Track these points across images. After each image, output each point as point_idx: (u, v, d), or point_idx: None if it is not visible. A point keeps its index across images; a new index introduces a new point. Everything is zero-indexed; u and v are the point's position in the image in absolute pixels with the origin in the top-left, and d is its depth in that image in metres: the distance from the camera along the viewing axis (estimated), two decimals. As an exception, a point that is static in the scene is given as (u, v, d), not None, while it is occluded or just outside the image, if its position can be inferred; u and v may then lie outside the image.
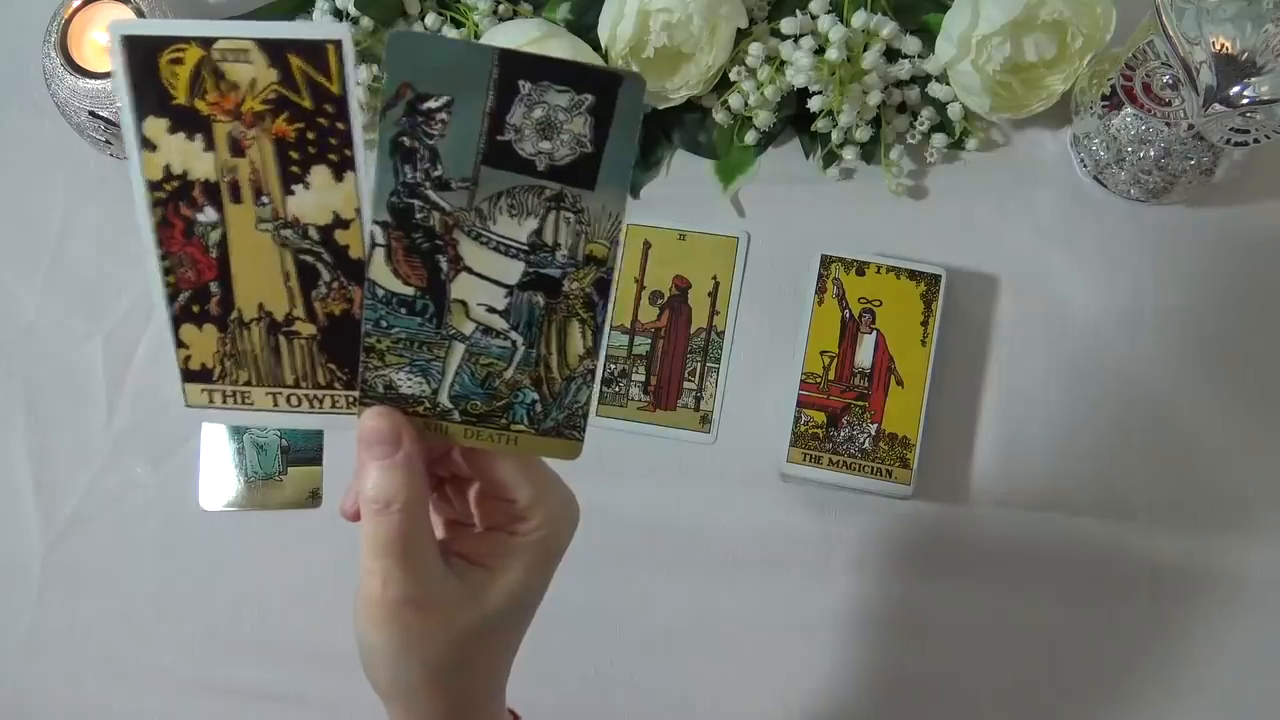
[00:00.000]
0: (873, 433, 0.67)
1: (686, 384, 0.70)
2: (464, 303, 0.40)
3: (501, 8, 0.72)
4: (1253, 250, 0.70)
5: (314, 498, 0.47)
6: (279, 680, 0.69)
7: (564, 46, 0.67)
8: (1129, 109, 0.66)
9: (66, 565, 0.72)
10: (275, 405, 0.42)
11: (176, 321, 0.41)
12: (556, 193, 0.39)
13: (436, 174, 0.38)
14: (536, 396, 0.41)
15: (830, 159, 0.72)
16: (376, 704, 0.44)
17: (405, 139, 0.37)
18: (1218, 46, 0.58)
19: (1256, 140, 0.61)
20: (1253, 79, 0.58)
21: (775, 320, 0.70)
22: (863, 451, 0.66)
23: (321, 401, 0.42)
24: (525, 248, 0.39)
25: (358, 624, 0.41)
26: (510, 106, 0.37)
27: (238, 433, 0.48)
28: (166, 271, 0.40)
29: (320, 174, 0.39)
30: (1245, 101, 0.58)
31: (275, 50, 0.38)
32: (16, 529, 0.72)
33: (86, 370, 0.74)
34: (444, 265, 0.39)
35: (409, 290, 0.39)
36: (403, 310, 0.40)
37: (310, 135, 0.39)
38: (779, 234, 0.72)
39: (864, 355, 0.68)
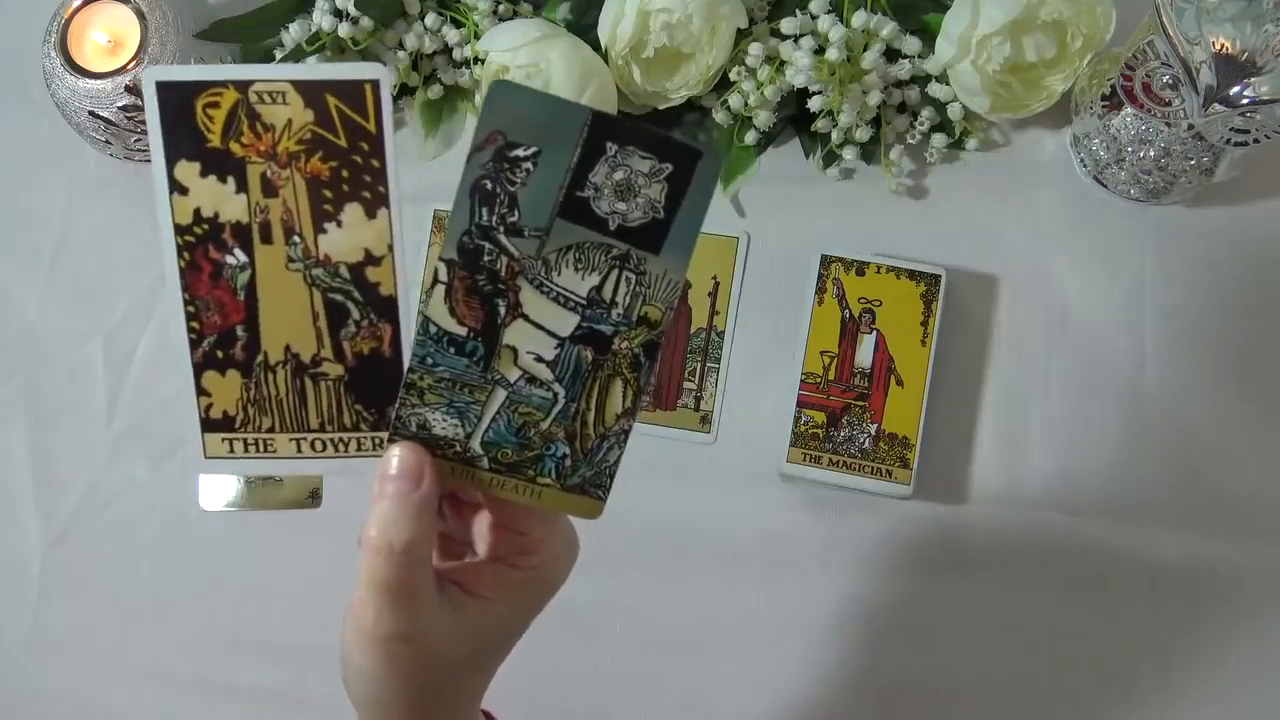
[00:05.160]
0: (873, 433, 0.67)
1: (686, 384, 0.70)
2: (514, 349, 0.40)
3: (501, 8, 0.72)
4: (1253, 250, 0.70)
5: (314, 498, 0.47)
6: (279, 680, 0.69)
7: (564, 47, 0.67)
8: (1129, 109, 0.66)
9: (66, 565, 0.72)
10: (299, 451, 0.42)
11: (199, 369, 0.41)
12: (623, 253, 0.39)
13: (512, 220, 0.39)
14: (568, 451, 0.42)
15: (830, 159, 0.72)
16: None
17: (487, 182, 0.38)
18: (1218, 46, 0.58)
19: (1256, 140, 0.61)
20: (1253, 79, 0.58)
21: (775, 320, 0.70)
22: (863, 451, 0.66)
23: (347, 445, 0.42)
24: (584, 301, 0.40)
25: (345, 641, 0.41)
26: (594, 165, 0.38)
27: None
28: (191, 316, 0.40)
29: (353, 211, 0.39)
30: (1245, 101, 0.58)
31: (312, 91, 0.38)
32: (16, 529, 0.72)
33: (86, 370, 0.74)
34: (502, 310, 0.40)
35: (462, 330, 0.40)
36: (451, 350, 0.40)
37: (345, 173, 0.39)
38: (779, 234, 0.72)
39: (864, 355, 0.68)
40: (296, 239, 0.40)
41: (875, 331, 0.68)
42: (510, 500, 0.42)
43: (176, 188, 0.39)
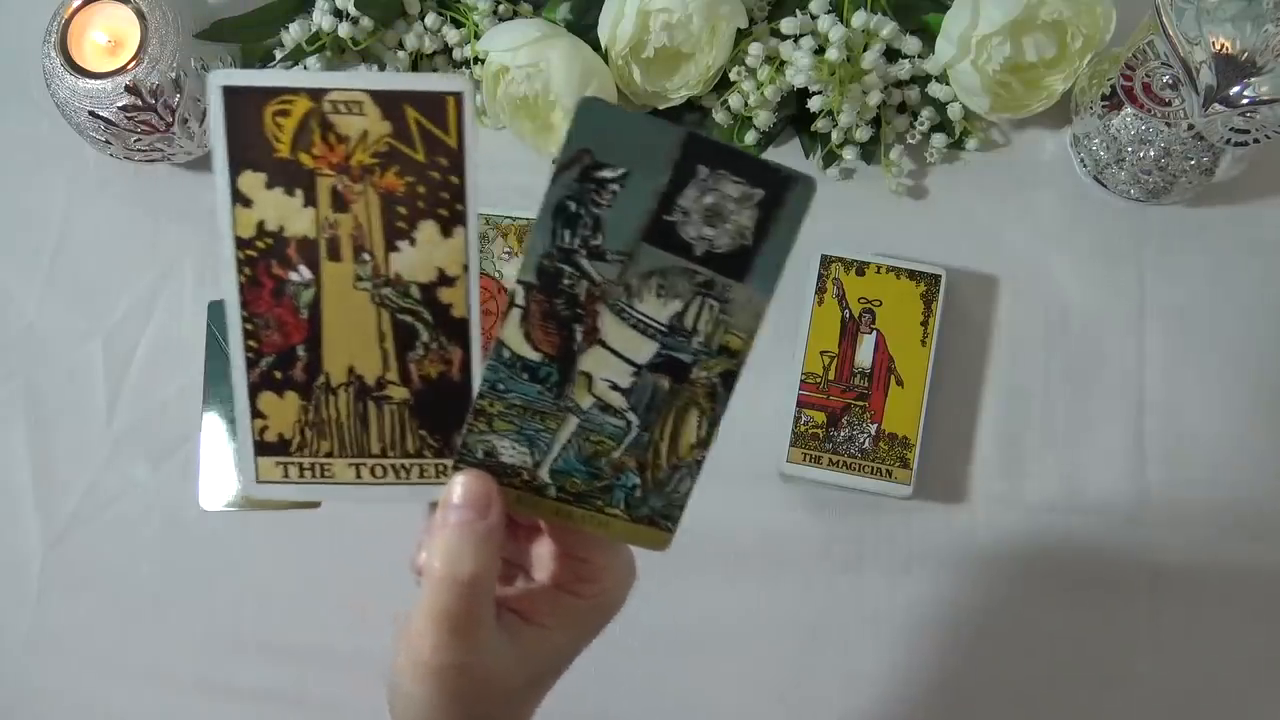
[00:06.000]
0: (873, 433, 0.67)
1: (686, 384, 0.70)
2: (589, 376, 0.39)
3: (501, 8, 0.72)
4: (1253, 250, 0.70)
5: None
6: (279, 680, 0.69)
7: (564, 47, 0.67)
8: (1129, 109, 0.66)
9: (66, 565, 0.72)
10: (358, 477, 0.40)
11: (254, 389, 0.39)
12: (707, 279, 0.38)
13: (595, 243, 0.37)
14: (639, 481, 0.40)
15: (830, 159, 0.72)
16: (377, 705, 0.44)
17: (572, 203, 0.36)
18: (1218, 46, 0.58)
19: (1256, 140, 0.61)
20: (1253, 79, 0.58)
21: (775, 320, 0.70)
22: (863, 451, 0.66)
23: (409, 471, 0.40)
24: (664, 329, 0.38)
25: (397, 669, 0.39)
26: (684, 188, 0.37)
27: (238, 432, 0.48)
28: (249, 334, 0.38)
29: (427, 229, 0.38)
30: (1245, 101, 0.58)
31: (390, 102, 0.36)
32: (16, 529, 0.72)
33: (86, 370, 0.74)
34: (579, 335, 0.38)
35: (536, 356, 0.38)
36: (525, 375, 0.38)
37: (420, 189, 0.37)
38: (779, 234, 0.72)
39: (864, 355, 0.68)
40: (366, 257, 0.38)
41: (875, 331, 0.68)
42: (577, 529, 0.41)
43: (240, 199, 0.37)
